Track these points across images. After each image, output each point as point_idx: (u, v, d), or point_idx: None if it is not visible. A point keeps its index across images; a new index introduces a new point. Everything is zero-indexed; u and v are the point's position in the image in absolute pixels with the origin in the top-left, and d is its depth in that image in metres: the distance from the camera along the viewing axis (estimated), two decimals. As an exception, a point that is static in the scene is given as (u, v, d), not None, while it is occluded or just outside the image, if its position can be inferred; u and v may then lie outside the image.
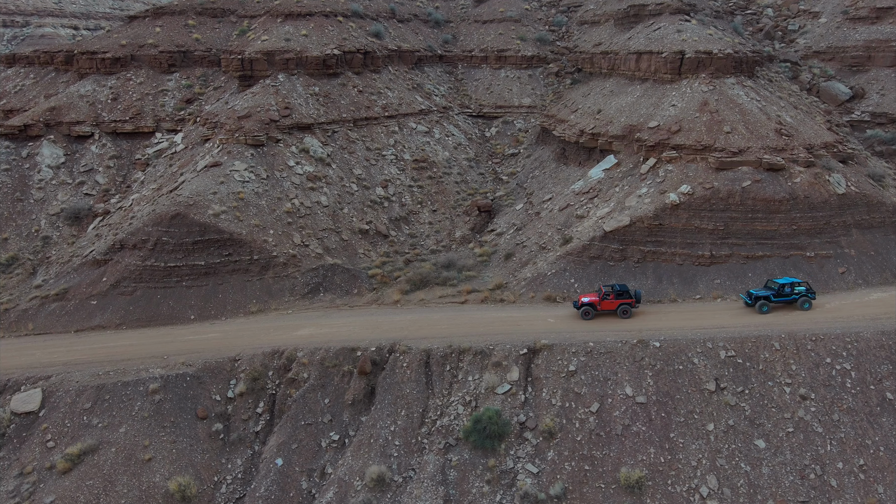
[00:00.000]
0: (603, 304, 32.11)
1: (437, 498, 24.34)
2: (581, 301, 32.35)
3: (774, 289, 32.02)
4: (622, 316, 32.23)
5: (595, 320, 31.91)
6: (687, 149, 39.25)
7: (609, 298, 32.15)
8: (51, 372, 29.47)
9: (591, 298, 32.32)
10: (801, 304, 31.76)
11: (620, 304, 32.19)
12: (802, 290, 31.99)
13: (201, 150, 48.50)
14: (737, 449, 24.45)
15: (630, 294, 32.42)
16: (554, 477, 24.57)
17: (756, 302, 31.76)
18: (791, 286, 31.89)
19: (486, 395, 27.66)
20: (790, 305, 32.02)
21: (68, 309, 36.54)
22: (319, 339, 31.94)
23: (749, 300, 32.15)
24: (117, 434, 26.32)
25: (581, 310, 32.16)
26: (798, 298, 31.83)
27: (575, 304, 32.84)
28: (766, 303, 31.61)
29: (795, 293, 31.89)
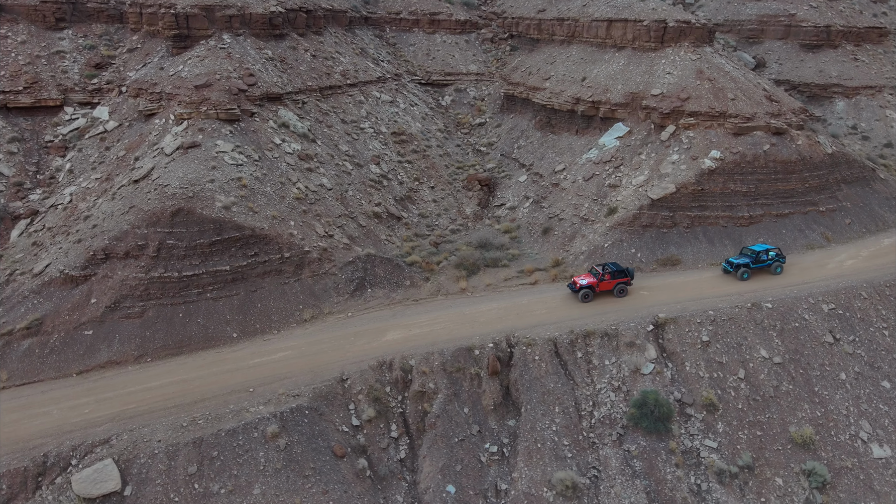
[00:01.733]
0: (601, 284, 31.44)
1: (639, 492, 23.19)
2: (578, 284, 31.49)
3: (752, 256, 33.44)
4: (618, 295, 31.67)
5: (703, 287, 32.22)
6: (702, 115, 41.06)
7: (606, 279, 31.48)
8: (100, 434, 22.17)
9: (589, 280, 31.57)
10: (774, 269, 33.67)
11: (617, 283, 31.66)
12: (774, 255, 33.83)
13: (155, 128, 39.39)
14: (871, 392, 26.83)
15: (626, 272, 31.89)
16: (734, 448, 24.80)
17: (737, 270, 33.11)
18: (766, 252, 33.67)
19: (633, 377, 26.81)
20: (765, 271, 33.71)
21: (52, 345, 27.79)
22: (417, 341, 28.23)
23: (730, 268, 33.52)
24: (253, 498, 20.74)
25: (581, 293, 31.26)
26: (772, 264, 33.71)
27: (571, 287, 31.90)
28: (746, 270, 33.01)
29: (770, 259, 33.73)
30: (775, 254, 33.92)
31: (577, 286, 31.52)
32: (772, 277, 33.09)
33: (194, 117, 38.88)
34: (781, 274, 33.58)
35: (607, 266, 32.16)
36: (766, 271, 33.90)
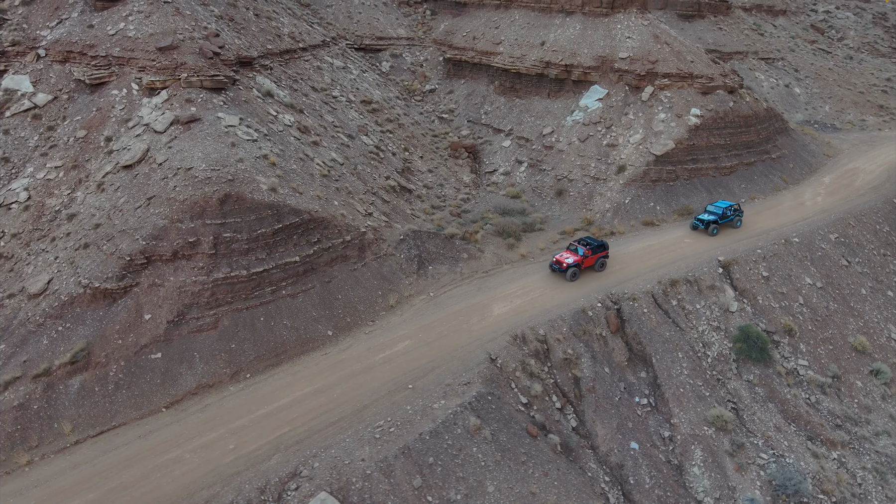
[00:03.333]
0: (586, 261, 30.76)
1: (774, 414, 25.85)
2: (565, 263, 30.26)
3: (719, 213, 35.52)
4: (599, 269, 31.30)
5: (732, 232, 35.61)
6: (673, 76, 44.82)
7: (588, 255, 30.79)
8: (279, 468, 18.50)
9: (575, 258, 30.44)
10: (735, 223, 36.20)
11: (599, 257, 31.27)
12: (735, 210, 36.13)
13: (116, 101, 32.07)
14: (884, 302, 32.70)
15: (604, 246, 31.51)
16: (820, 363, 28.72)
17: (708, 226, 35.03)
18: (729, 209, 35.87)
19: (725, 316, 29.38)
20: (727, 226, 35.98)
21: (115, 379, 22.06)
22: (526, 311, 27.69)
23: (701, 224, 35.33)
24: (491, 497, 19.00)
25: (569, 272, 30.14)
26: (733, 218, 36.05)
27: (554, 267, 30.73)
28: (715, 226, 35.13)
29: (731, 214, 35.98)
30: (735, 209, 36.53)
31: (564, 265, 30.20)
32: (783, 215, 37.81)
33: (171, 85, 32.37)
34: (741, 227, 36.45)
35: (586, 241, 31.41)
36: (728, 226, 36.16)
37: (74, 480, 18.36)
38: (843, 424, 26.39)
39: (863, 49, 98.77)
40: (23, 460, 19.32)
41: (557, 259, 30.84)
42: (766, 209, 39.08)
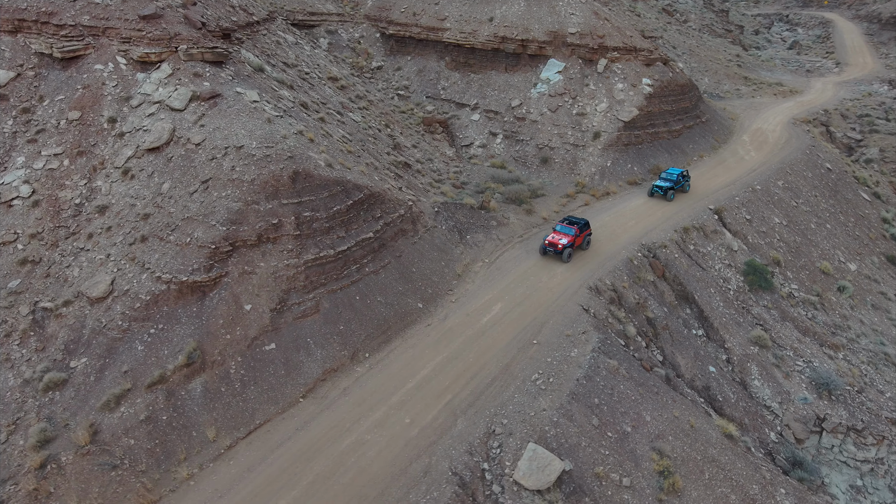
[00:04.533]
0: (577, 241, 30.65)
1: (792, 330, 30.69)
2: (560, 244, 29.72)
3: (673, 179, 38.41)
4: (586, 247, 31.41)
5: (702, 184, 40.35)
6: (621, 50, 49.06)
7: (577, 233, 30.58)
8: (479, 428, 18.64)
9: (567, 238, 30.05)
10: (684, 188, 39.16)
11: (585, 235, 31.27)
12: (684, 176, 39.11)
13: (106, 76, 28.20)
14: (828, 232, 39.62)
15: (588, 224, 31.56)
16: (805, 286, 34.36)
17: (667, 192, 37.77)
18: (681, 175, 38.67)
19: (731, 255, 33.86)
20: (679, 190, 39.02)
21: (238, 376, 20.38)
22: (587, 266, 29.64)
23: (660, 191, 37.93)
24: (649, 426, 20.74)
25: (564, 253, 29.68)
26: (684, 184, 38.91)
27: (549, 250, 30.23)
28: (672, 191, 38.00)
29: (682, 180, 38.78)
30: (685, 175, 40.04)
31: (560, 247, 29.73)
32: (733, 169, 43.71)
33: (167, 58, 29.12)
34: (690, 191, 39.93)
35: (572, 221, 31.31)
36: (679, 191, 39.57)
37: (262, 482, 16.83)
38: (836, 332, 32.17)
39: (703, 30, 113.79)
40: (182, 474, 17.14)
41: (551, 241, 29.93)
42: (717, 165, 44.90)
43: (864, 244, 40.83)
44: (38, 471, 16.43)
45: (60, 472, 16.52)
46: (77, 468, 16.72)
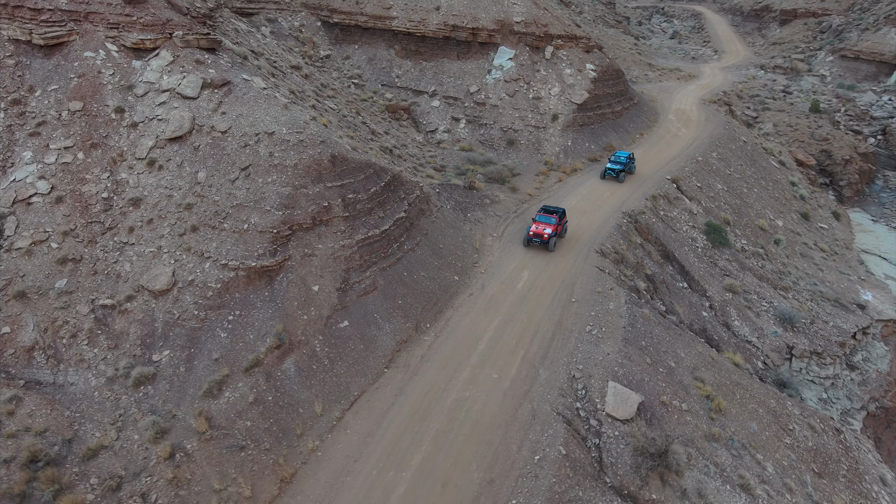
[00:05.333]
0: (559, 229, 31.06)
1: (752, 277, 35.67)
2: (545, 234, 29.98)
3: (623, 162, 40.85)
4: (563, 235, 31.93)
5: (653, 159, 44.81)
6: (564, 38, 52.69)
7: (558, 222, 30.93)
8: (560, 375, 20.70)
9: (550, 228, 30.30)
10: (632, 170, 41.94)
11: (563, 222, 31.69)
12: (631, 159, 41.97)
13: (98, 63, 26.78)
14: (757, 195, 45.74)
15: (565, 212, 32.09)
16: (751, 240, 39.74)
17: (619, 174, 40.08)
18: (628, 158, 41.46)
19: (692, 217, 38.43)
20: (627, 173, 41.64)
21: (324, 353, 21.04)
22: (586, 232, 32.62)
23: (613, 173, 40.11)
24: (681, 358, 23.90)
25: (550, 242, 30.04)
26: (631, 166, 41.72)
27: (534, 241, 30.27)
28: (623, 173, 40.39)
29: (630, 162, 41.51)
30: (631, 157, 43.10)
31: (546, 237, 30.02)
32: (673, 144, 48.88)
33: (162, 45, 28.12)
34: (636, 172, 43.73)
35: (550, 210, 31.72)
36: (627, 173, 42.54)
37: (387, 444, 17.77)
38: (782, 277, 37.79)
39: (598, 21, 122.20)
40: (308, 447, 17.60)
41: (536, 232, 30.07)
42: (658, 141, 50.02)
43: (783, 204, 47.69)
44: (168, 461, 16.13)
45: (190, 460, 16.33)
46: (205, 454, 16.60)
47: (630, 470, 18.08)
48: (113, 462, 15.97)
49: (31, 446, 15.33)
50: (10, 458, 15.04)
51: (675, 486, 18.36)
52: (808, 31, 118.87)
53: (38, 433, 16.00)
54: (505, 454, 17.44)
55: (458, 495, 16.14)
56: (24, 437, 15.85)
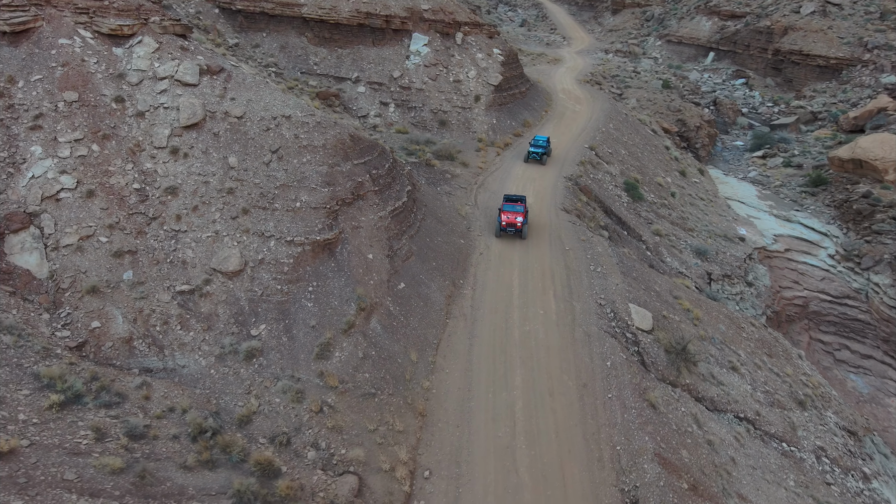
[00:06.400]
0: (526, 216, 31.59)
1: (666, 223, 43.10)
2: (514, 221, 30.74)
3: (543, 145, 43.94)
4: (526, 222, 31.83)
5: (565, 132, 50.75)
6: (470, 24, 56.81)
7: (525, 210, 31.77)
8: (590, 304, 24.91)
9: (521, 216, 31.03)
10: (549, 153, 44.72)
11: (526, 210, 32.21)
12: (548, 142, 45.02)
13: (81, 50, 25.64)
14: (649, 158, 54.02)
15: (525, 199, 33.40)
16: (652, 193, 47.46)
17: (542, 157, 42.97)
18: (547, 142, 44.61)
19: (612, 177, 45.02)
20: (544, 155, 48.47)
21: (399, 311, 23.10)
22: (544, 197, 37.25)
23: (536, 157, 43.13)
24: (647, 279, 29.45)
25: (523, 230, 30.79)
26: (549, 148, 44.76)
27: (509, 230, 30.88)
28: (546, 156, 43.64)
29: (548, 145, 44.48)
30: (548, 140, 47.36)
31: (519, 225, 30.82)
32: (577, 119, 55.48)
33: (138, 31, 27.42)
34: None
35: (515, 198, 32.97)
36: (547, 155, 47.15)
37: (486, 371, 20.60)
38: (685, 222, 45.92)
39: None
40: (423, 386, 19.77)
41: (509, 222, 30.80)
42: (561, 117, 56.56)
43: (666, 164, 56.88)
44: (319, 414, 17.32)
45: (335, 411, 17.65)
46: (345, 404, 18.02)
47: (666, 365, 22.91)
48: (270, 423, 16.90)
49: (193, 420, 15.77)
50: (177, 434, 15.42)
51: (696, 373, 23.60)
52: (636, 20, 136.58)
53: (184, 410, 16.37)
54: (584, 365, 21.22)
55: (566, 399, 19.60)
56: (171, 417, 16.15)
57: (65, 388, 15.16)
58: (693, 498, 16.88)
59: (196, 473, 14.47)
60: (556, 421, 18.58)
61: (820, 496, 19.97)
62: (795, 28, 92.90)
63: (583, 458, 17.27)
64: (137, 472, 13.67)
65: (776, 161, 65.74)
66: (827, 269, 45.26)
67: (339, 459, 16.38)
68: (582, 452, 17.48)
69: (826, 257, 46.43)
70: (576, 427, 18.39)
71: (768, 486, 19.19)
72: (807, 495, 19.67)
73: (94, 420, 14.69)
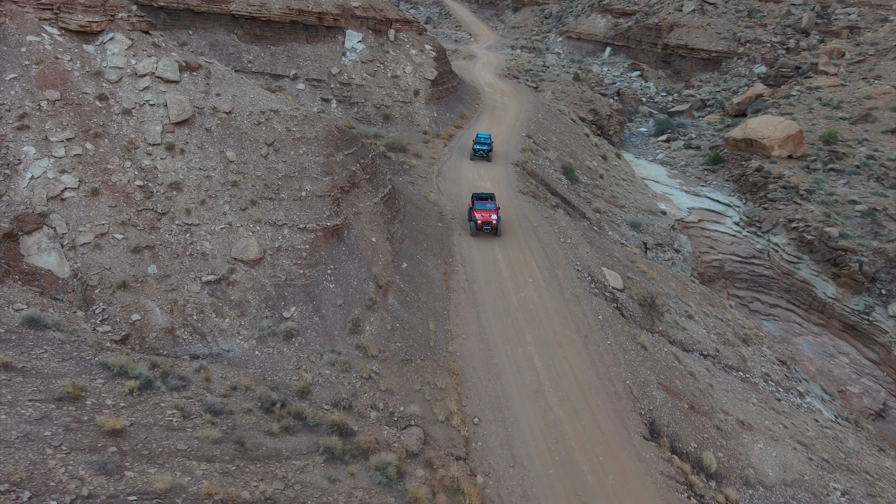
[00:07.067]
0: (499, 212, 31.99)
1: (601, 199, 47.51)
2: (489, 219, 30.86)
3: (489, 142, 45.72)
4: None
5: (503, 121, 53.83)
6: (401, 21, 58.45)
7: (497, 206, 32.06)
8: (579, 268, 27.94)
9: (494, 213, 31.24)
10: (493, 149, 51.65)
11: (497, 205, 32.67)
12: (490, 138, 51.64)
13: (52, 48, 25.07)
14: (574, 141, 58.58)
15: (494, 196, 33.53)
16: (585, 176, 51.90)
17: (487, 154, 44.65)
18: (489, 138, 50.25)
19: (551, 161, 48.79)
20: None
21: (407, 285, 24.82)
22: (499, 183, 40.06)
23: (483, 154, 44.55)
24: (583, 247, 33.14)
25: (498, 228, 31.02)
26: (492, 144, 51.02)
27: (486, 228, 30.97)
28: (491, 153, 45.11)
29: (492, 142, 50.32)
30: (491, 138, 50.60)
31: (493, 223, 30.93)
32: (510, 111, 58.87)
33: (106, 28, 27.08)
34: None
35: (485, 196, 33.03)
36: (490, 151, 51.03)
37: (499, 333, 22.83)
38: (615, 199, 50.65)
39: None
40: (448, 350, 21.62)
41: (485, 220, 30.91)
42: (493, 110, 59.83)
43: (589, 149, 61.92)
44: (369, 380, 18.64)
45: (381, 377, 19.03)
46: (387, 370, 19.44)
47: (642, 316, 26.39)
48: (328, 392, 18.06)
49: (263, 394, 16.65)
50: (250, 408, 16.26)
51: (665, 321, 27.32)
52: (535, 17, 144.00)
53: (247, 388, 17.17)
54: (580, 320, 24.07)
55: (574, 348, 22.30)
56: (236, 394, 16.91)
57: (135, 374, 15.58)
58: (693, 414, 20.25)
59: (281, 438, 15.54)
60: (571, 367, 21.23)
61: (776, 408, 24.27)
62: (680, 25, 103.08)
63: (602, 393, 20.05)
64: (234, 440, 14.57)
65: (678, 144, 73.36)
66: (734, 234, 51.93)
67: (399, 416, 17.96)
68: (600, 389, 20.25)
69: (732, 224, 53.19)
70: (589, 370, 21.15)
71: (740, 403, 23.10)
72: (768, 408, 23.85)
73: (173, 401, 15.29)
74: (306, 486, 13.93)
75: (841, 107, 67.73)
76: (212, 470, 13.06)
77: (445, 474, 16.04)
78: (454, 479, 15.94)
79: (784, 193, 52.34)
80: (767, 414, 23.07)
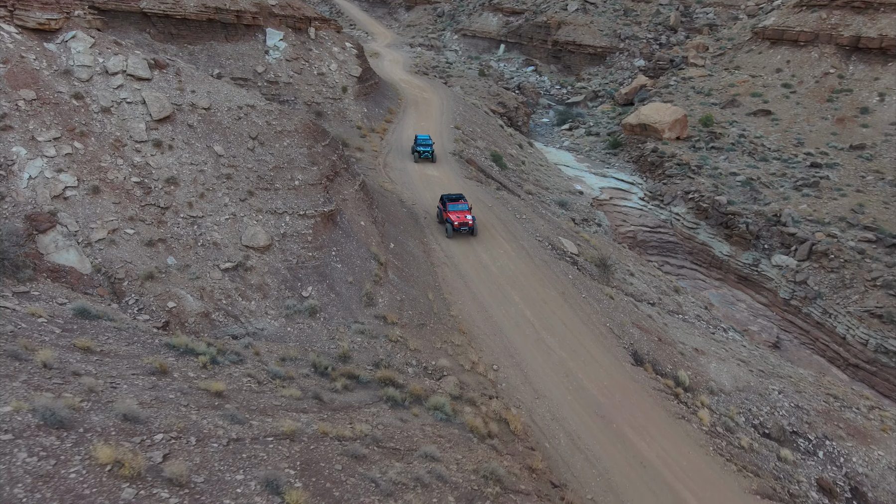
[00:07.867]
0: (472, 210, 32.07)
1: (531, 183, 51.81)
2: (465, 220, 30.77)
3: (430, 143, 49.68)
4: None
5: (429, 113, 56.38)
6: (319, 20, 59.06)
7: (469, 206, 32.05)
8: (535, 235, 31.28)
9: (469, 214, 31.22)
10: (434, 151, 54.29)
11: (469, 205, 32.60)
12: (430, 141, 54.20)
13: (9, 48, 24.30)
14: (496, 136, 62.54)
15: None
16: (510, 161, 56.02)
17: (432, 155, 44.99)
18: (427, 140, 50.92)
19: (479, 151, 52.27)
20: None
21: (403, 266, 26.94)
22: (443, 173, 42.80)
23: (429, 155, 44.74)
24: (527, 224, 37.13)
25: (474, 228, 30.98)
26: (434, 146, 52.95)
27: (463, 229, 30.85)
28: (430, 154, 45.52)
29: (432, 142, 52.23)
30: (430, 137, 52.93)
31: (470, 223, 30.87)
32: (434, 104, 61.49)
33: (63, 25, 26.71)
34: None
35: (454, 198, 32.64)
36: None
37: (488, 296, 25.57)
38: (540, 182, 55.19)
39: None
40: (452, 314, 23.97)
41: (461, 221, 30.78)
42: (417, 106, 62.27)
43: (506, 139, 66.27)
44: (397, 343, 20.46)
45: (407, 338, 20.94)
46: (409, 334, 21.38)
47: (599, 274, 30.37)
48: (366, 355, 19.73)
49: (314, 361, 18.09)
50: (306, 373, 17.69)
51: (617, 278, 31.55)
52: (429, 16, 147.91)
53: (295, 358, 18.50)
54: (555, 280, 27.43)
55: (556, 303, 25.57)
56: (287, 364, 18.20)
57: (202, 351, 16.53)
58: (662, 345, 24.33)
59: (345, 394, 17.24)
60: (559, 317, 24.49)
61: (714, 338, 29.28)
62: (566, 23, 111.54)
63: (590, 335, 23.49)
64: (312, 396, 16.11)
65: (580, 132, 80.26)
66: (641, 208, 58.62)
67: (432, 369, 20.14)
68: (587, 332, 23.69)
69: (638, 200, 59.94)
70: (574, 318, 24.53)
71: (689, 336, 27.71)
72: (709, 339, 28.75)
73: (243, 370, 16.48)
74: (387, 426, 15.85)
75: (711, 94, 77.78)
76: (312, 418, 14.64)
77: (487, 409, 18.56)
78: (496, 411, 18.51)
79: (679, 170, 59.90)
80: (710, 343, 27.92)
